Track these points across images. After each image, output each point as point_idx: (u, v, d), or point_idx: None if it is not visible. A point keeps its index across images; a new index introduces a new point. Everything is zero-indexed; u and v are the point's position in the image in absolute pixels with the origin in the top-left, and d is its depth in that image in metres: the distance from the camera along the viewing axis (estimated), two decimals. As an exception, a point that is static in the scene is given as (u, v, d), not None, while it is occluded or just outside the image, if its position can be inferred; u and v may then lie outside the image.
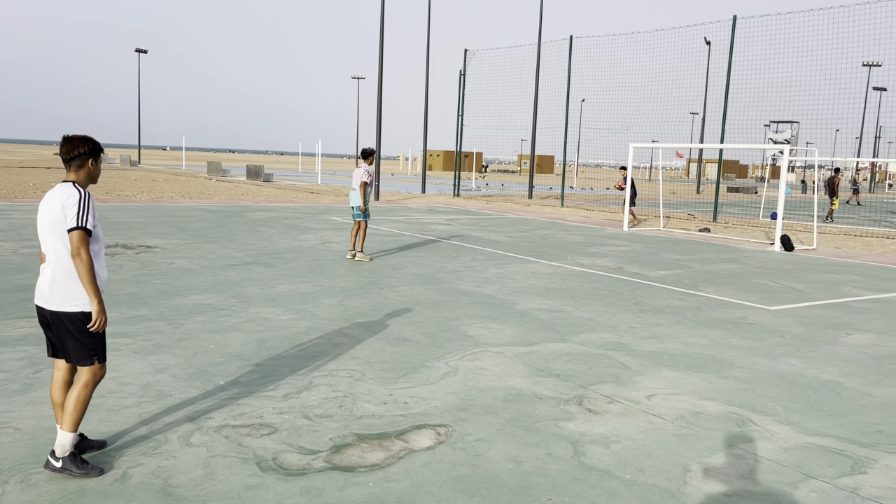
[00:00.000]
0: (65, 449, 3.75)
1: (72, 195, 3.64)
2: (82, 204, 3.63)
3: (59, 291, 3.69)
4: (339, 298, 8.64)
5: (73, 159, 3.74)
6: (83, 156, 3.75)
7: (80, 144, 3.74)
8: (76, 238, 3.60)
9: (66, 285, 3.69)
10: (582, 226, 20.54)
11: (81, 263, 3.61)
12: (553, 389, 5.57)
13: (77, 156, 3.73)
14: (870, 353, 7.06)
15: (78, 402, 3.76)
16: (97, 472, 3.78)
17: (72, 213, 3.60)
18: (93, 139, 3.81)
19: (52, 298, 3.71)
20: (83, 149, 3.74)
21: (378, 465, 4.09)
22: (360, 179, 11.55)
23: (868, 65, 58.85)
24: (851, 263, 14.37)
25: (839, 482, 4.10)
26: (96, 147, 3.81)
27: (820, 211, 30.43)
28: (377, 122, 28.46)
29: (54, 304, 3.71)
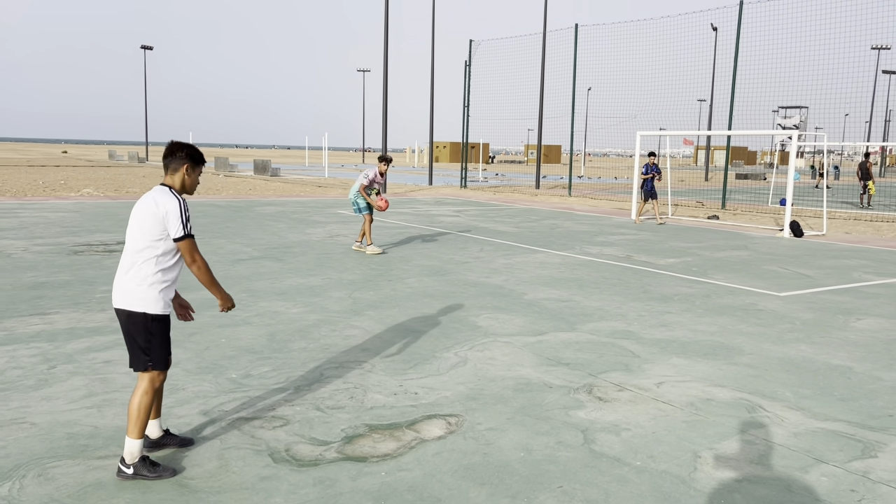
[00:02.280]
0: (133, 455, 3.72)
1: (170, 201, 3.67)
2: (182, 212, 3.68)
3: (125, 289, 3.70)
4: (349, 291, 8.68)
5: (171, 162, 3.78)
6: (180, 160, 3.78)
7: (179, 148, 3.80)
8: (186, 246, 3.70)
9: (134, 285, 3.69)
10: (590, 215, 20.51)
11: (199, 269, 3.75)
12: (562, 378, 5.59)
13: (174, 158, 3.77)
14: (880, 338, 7.05)
15: (136, 409, 3.73)
16: (170, 474, 3.76)
17: (175, 223, 3.65)
18: (194, 147, 3.85)
19: (119, 296, 3.73)
20: (182, 153, 3.78)
21: (390, 455, 4.12)
22: (359, 182, 11.70)
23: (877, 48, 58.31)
24: (861, 248, 14.30)
25: (850, 466, 4.11)
26: (195, 154, 3.82)
27: (853, 197, 30.24)
28: (383, 115, 28.46)
29: (120, 302, 3.73)
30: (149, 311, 3.71)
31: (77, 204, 19.21)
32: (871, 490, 3.82)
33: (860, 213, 22.78)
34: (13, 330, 6.52)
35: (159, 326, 3.77)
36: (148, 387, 3.77)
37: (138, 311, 3.70)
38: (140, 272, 3.69)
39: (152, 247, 3.67)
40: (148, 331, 3.74)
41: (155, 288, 3.71)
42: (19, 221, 14.81)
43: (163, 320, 3.78)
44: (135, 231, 3.69)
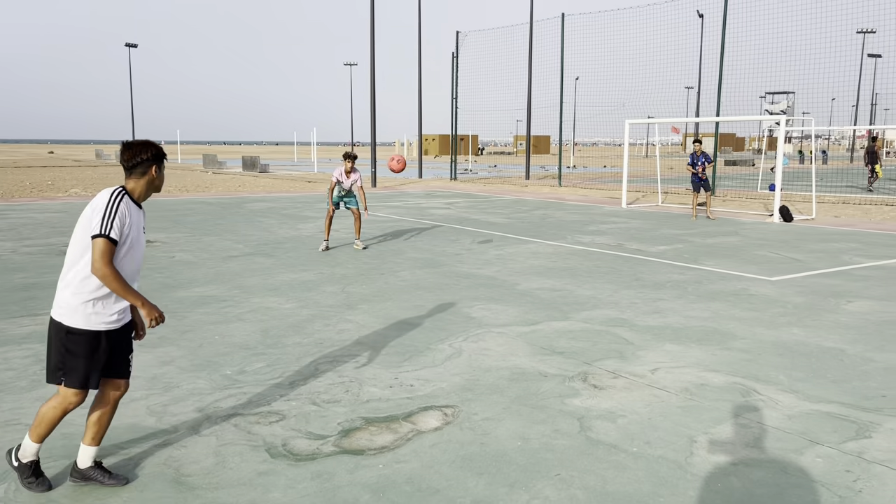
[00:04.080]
0: (25, 454, 3.56)
1: (102, 197, 3.31)
2: (111, 209, 3.27)
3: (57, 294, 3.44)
4: (341, 285, 8.66)
5: (136, 166, 3.42)
6: (146, 162, 3.42)
7: (142, 150, 3.42)
8: (96, 246, 3.24)
9: (60, 291, 3.41)
10: (580, 204, 20.53)
11: (103, 279, 3.25)
12: (557, 367, 5.60)
13: (140, 162, 3.41)
14: (871, 320, 7.10)
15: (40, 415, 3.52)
16: (45, 488, 3.56)
17: (97, 218, 3.26)
18: (156, 144, 3.50)
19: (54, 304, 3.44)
20: (146, 154, 3.42)
21: (387, 448, 4.12)
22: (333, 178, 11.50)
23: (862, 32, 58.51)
24: (850, 231, 14.38)
25: (844, 447, 4.14)
26: (160, 153, 3.49)
27: (843, 181, 30.38)
28: (371, 109, 28.36)
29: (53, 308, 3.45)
30: (65, 322, 3.37)
31: (65, 204, 19.07)
32: (867, 470, 3.85)
33: (848, 196, 22.91)
34: (5, 331, 6.48)
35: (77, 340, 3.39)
36: (56, 402, 3.48)
37: (56, 319, 3.40)
38: (70, 279, 3.35)
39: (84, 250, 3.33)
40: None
41: (78, 298, 3.34)
42: (7, 223, 14.69)
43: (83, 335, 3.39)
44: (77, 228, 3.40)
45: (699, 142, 16.59)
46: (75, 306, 3.35)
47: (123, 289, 3.29)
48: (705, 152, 16.41)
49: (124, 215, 3.31)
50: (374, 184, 27.99)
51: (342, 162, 11.43)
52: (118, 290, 3.28)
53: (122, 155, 3.44)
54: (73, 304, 3.35)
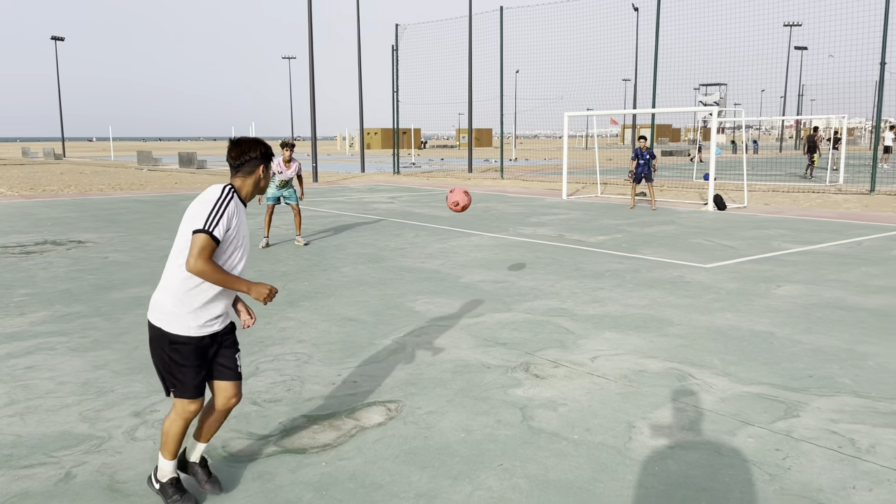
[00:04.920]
0: (164, 473, 3.41)
1: (213, 191, 3.16)
2: (219, 206, 3.11)
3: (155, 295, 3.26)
4: (282, 282, 8.54)
5: (244, 164, 3.27)
6: (254, 160, 3.28)
7: (250, 148, 3.28)
8: (196, 241, 3.06)
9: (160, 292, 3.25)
10: (522, 196, 20.73)
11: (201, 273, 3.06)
12: (500, 358, 5.65)
13: (248, 160, 3.27)
14: (799, 303, 7.38)
15: (165, 432, 3.38)
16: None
17: (204, 211, 3.09)
18: (265, 142, 3.33)
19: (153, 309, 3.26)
20: (255, 153, 3.27)
21: (330, 445, 4.09)
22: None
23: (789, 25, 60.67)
24: (780, 218, 14.92)
25: (774, 426, 4.30)
26: (268, 151, 3.33)
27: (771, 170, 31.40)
28: (311, 103, 28.00)
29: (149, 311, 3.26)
30: (164, 328, 3.19)
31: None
32: (795, 448, 4.00)
33: (778, 184, 23.75)
34: (-77, 340, 6.17)
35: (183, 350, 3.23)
36: (175, 415, 3.33)
37: (156, 324, 3.23)
38: (171, 282, 3.19)
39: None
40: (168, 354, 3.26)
41: (182, 307, 3.17)
42: (-74, 225, 13.97)
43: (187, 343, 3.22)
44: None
45: (644, 138, 17.01)
46: (177, 313, 3.17)
47: (225, 278, 3.11)
48: (650, 148, 16.86)
49: (232, 215, 3.16)
50: (315, 178, 27.66)
51: (280, 152, 11.21)
52: (219, 280, 3.09)
53: (230, 152, 3.30)
54: (175, 311, 3.17)
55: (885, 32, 18.94)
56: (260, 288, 3.19)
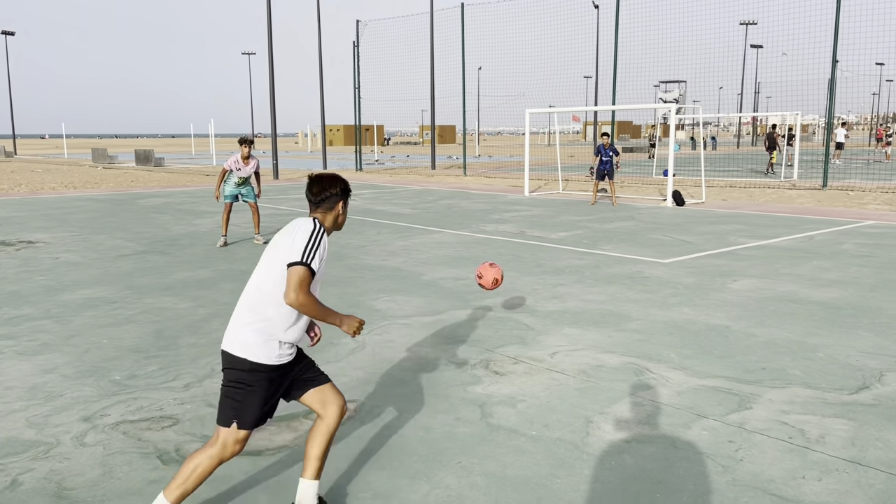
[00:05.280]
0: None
1: (307, 224, 3.12)
2: (314, 239, 3.07)
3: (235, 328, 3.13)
4: (241, 282, 8.41)
5: (324, 201, 3.24)
6: (334, 197, 3.26)
7: (331, 184, 3.25)
8: (296, 274, 2.98)
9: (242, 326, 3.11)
10: (485, 193, 20.78)
11: (301, 306, 2.99)
12: (460, 355, 5.64)
13: (328, 197, 3.25)
14: (753, 297, 7.52)
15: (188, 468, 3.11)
16: None
17: (300, 245, 3.03)
18: (344, 179, 3.33)
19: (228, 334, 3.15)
20: (335, 189, 3.25)
21: (286, 447, 4.04)
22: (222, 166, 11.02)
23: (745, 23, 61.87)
24: (737, 214, 15.21)
25: (728, 419, 4.37)
26: (347, 188, 3.32)
27: (755, 165, 31.94)
28: (271, 99, 27.66)
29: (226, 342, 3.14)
30: (251, 358, 3.07)
31: (-65, 204, 17.65)
32: (747, 440, 4.07)
33: (735, 180, 24.22)
34: None
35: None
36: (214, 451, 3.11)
37: (239, 355, 3.09)
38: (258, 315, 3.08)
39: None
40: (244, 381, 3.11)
41: (267, 335, 3.09)
42: None
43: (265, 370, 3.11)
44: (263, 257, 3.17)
45: (606, 135, 17.28)
46: (261, 342, 3.07)
47: (323, 312, 3.05)
48: (612, 145, 17.03)
49: (324, 250, 3.12)
50: (275, 176, 27.36)
51: (238, 148, 11.00)
52: (318, 314, 3.04)
53: (311, 188, 3.26)
54: (258, 340, 3.07)
55: (836, 31, 19.41)
56: (352, 321, 3.14)
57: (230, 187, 11.11)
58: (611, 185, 17.19)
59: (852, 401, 4.64)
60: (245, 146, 10.85)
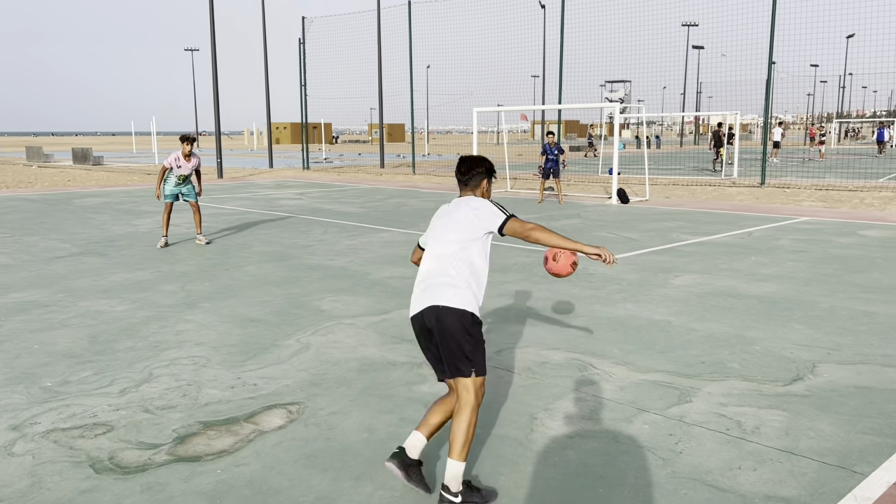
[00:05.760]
0: (459, 481, 3.31)
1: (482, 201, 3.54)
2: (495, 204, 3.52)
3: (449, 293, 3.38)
4: (181, 283, 8.21)
5: (472, 178, 3.66)
6: (479, 175, 3.67)
7: (477, 164, 3.68)
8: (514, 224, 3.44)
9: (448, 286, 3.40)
10: (434, 192, 20.77)
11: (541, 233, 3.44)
12: (406, 355, 5.61)
13: (474, 175, 3.66)
14: (694, 293, 7.69)
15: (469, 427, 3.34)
16: (494, 497, 3.44)
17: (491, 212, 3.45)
18: (488, 160, 3.73)
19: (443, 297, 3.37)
20: (481, 168, 3.67)
21: (226, 451, 3.94)
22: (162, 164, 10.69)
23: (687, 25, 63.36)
24: (679, 211, 15.55)
25: (668, 412, 4.45)
26: (492, 167, 3.72)
27: (697, 163, 32.61)
28: (214, 96, 27.11)
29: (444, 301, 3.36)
30: (469, 309, 3.37)
31: None
32: (687, 432, 4.15)
33: (678, 178, 24.77)
34: None
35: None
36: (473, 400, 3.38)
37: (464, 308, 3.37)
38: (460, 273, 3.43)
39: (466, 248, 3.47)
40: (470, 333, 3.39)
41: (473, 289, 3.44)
42: None
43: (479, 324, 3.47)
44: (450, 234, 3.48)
45: (552, 133, 17.40)
46: (471, 296, 3.40)
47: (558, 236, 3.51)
48: (557, 144, 17.18)
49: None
50: (219, 174, 26.83)
51: (180, 146, 10.71)
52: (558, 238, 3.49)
53: (459, 168, 3.68)
54: (468, 295, 3.39)
55: (772, 34, 20.03)
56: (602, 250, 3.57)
57: (171, 186, 10.83)
58: (557, 184, 17.37)
59: (786, 392, 4.78)
60: (187, 143, 10.59)
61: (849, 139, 73.29)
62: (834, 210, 15.50)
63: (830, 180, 22.97)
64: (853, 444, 3.98)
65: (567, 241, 3.53)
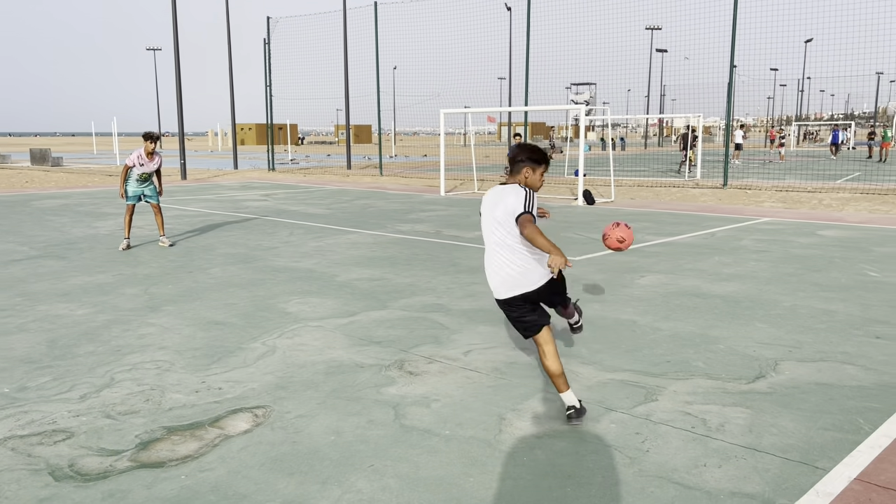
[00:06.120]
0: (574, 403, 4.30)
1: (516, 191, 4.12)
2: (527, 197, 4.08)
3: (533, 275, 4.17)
4: (144, 286, 8.05)
5: (514, 164, 4.20)
6: (520, 163, 4.18)
7: (519, 153, 4.19)
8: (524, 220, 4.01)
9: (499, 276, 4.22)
10: (401, 193, 20.73)
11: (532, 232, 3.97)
12: (374, 357, 5.58)
13: (517, 163, 4.19)
14: (659, 292, 7.79)
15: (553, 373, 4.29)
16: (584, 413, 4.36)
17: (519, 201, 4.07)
18: (533, 150, 4.19)
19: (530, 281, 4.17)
20: (522, 156, 4.17)
21: (191, 457, 3.87)
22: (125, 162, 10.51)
23: (650, 28, 64.22)
24: (644, 212, 15.74)
25: (634, 411, 4.49)
26: (533, 157, 4.17)
27: (664, 165, 32.97)
28: (177, 96, 26.70)
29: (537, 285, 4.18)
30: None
31: None
32: (653, 431, 4.19)
33: (643, 179, 25.09)
34: None
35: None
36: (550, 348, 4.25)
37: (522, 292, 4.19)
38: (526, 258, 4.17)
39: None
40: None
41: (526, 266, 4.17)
42: None
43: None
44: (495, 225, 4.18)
45: (519, 135, 17.54)
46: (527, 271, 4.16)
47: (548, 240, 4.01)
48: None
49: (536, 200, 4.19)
50: (183, 176, 26.43)
51: (143, 144, 10.47)
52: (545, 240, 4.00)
53: (509, 157, 4.27)
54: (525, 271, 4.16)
55: (733, 38, 20.39)
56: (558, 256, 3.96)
57: (133, 186, 10.63)
58: None
59: (749, 389, 4.86)
60: (150, 141, 10.41)
61: (807, 141, 75.01)
62: (794, 211, 15.83)
63: (790, 181, 23.47)
64: (815, 441, 4.05)
65: (548, 245, 3.98)
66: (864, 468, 3.71)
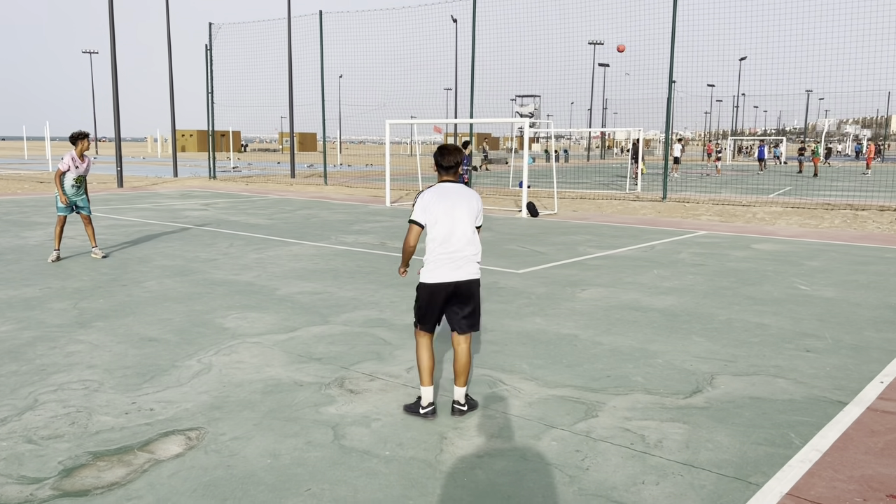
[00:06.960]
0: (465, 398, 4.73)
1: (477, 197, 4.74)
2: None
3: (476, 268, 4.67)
4: (73, 301, 7.74)
5: (453, 167, 4.67)
6: (458, 165, 4.69)
7: (457, 154, 4.64)
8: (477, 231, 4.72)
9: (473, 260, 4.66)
10: (346, 203, 20.55)
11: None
12: (314, 374, 5.47)
13: (456, 164, 4.67)
14: (600, 306, 7.88)
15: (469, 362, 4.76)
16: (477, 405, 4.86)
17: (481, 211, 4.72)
18: (461, 150, 4.67)
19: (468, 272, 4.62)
20: (460, 158, 4.64)
21: (118, 484, 3.70)
22: (57, 168, 10.12)
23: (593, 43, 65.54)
24: (586, 224, 15.97)
25: (575, 428, 4.51)
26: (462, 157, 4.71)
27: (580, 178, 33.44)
28: (114, 99, 25.92)
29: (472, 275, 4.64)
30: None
31: None
32: (593, 448, 4.21)
33: (585, 191, 25.49)
34: None
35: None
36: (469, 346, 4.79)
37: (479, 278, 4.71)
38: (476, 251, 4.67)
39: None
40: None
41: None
42: None
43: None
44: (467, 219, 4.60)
45: (468, 143, 17.59)
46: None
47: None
48: (468, 157, 17.40)
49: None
50: (119, 183, 25.63)
51: (73, 146, 10.04)
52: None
53: (445, 157, 4.68)
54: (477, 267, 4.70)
55: (671, 55, 20.94)
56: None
57: (69, 191, 10.18)
58: None
59: (686, 404, 4.94)
60: (84, 141, 10.03)
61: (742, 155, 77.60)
62: (729, 224, 16.30)
63: (726, 195, 24.19)
64: (748, 455, 4.14)
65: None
66: (796, 483, 3.80)
